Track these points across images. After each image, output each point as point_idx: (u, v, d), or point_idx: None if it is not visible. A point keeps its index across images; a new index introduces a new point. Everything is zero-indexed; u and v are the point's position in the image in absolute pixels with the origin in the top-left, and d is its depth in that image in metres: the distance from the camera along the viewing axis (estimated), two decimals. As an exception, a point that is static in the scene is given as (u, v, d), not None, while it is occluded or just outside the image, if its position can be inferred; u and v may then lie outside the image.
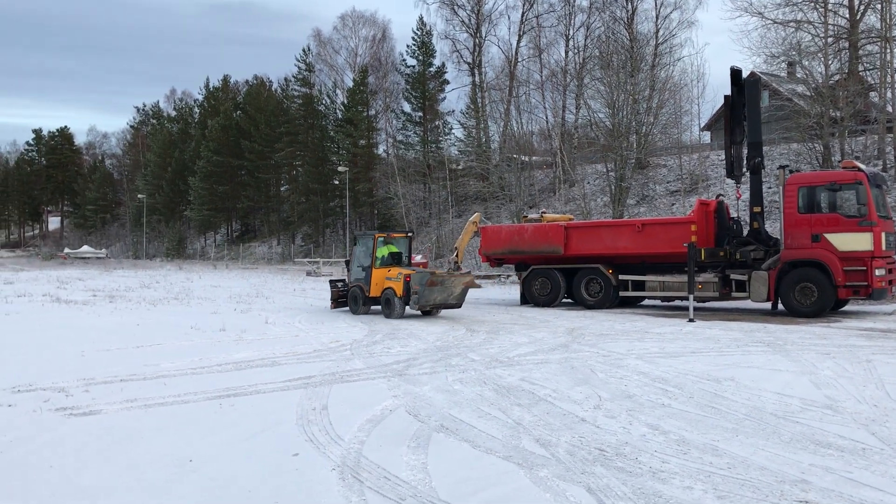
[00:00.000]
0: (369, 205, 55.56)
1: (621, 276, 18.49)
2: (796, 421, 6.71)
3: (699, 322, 14.86)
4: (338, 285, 18.47)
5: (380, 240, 17.43)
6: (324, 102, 62.73)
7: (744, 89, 17.48)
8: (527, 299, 20.03)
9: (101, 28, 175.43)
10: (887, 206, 16.54)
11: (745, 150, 17.45)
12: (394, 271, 16.70)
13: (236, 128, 68.70)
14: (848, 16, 30.23)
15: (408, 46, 55.06)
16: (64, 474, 5.44)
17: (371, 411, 7.19)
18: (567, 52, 46.24)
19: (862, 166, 16.08)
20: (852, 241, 15.17)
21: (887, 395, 7.81)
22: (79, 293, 24.30)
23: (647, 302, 19.73)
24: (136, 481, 5.26)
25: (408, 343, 12.15)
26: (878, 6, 29.65)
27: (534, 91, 46.90)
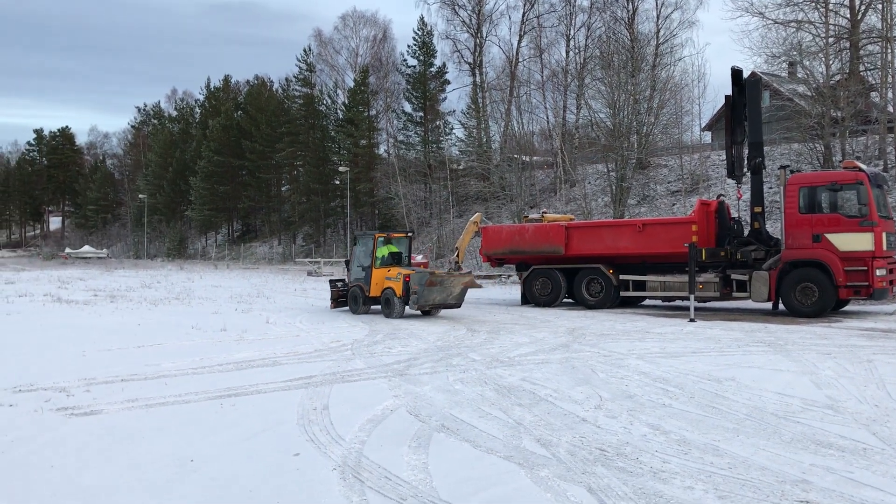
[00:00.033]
0: (370, 205, 55.57)
1: (622, 276, 18.49)
2: (797, 421, 6.71)
3: (700, 322, 14.86)
4: (337, 285, 18.49)
5: (380, 240, 17.45)
6: (325, 102, 62.74)
7: (745, 89, 17.49)
8: (528, 299, 20.04)
9: (101, 28, 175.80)
10: (888, 206, 16.54)
11: (746, 150, 17.48)
12: (393, 271, 16.72)
13: (237, 128, 68.72)
14: (849, 16, 30.21)
15: (409, 46, 55.15)
16: (65, 474, 5.45)
17: (372, 411, 7.20)
18: (568, 52, 46.27)
19: (863, 166, 16.08)
20: (853, 242, 15.17)
21: (888, 395, 7.81)
22: (80, 293, 24.32)
23: (648, 302, 19.73)
24: (137, 481, 5.26)
25: (409, 343, 12.15)
26: (879, 6, 29.66)
27: (534, 91, 47.03)
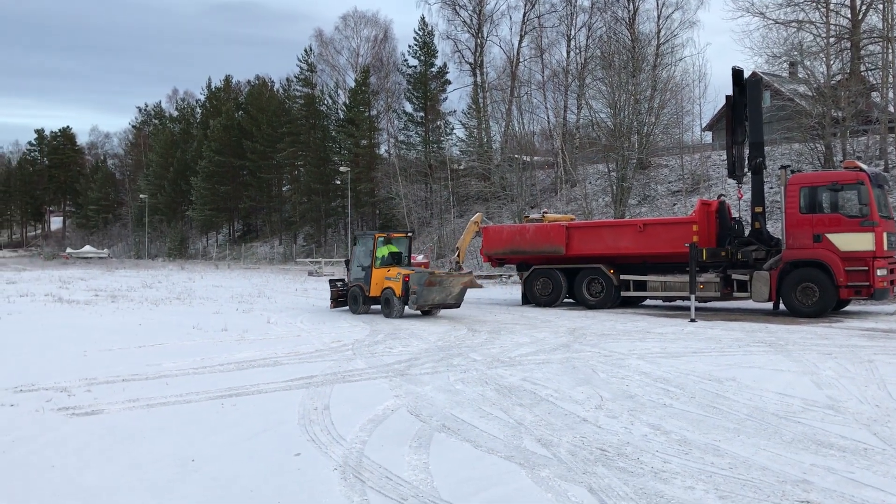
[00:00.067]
0: (371, 205, 55.59)
1: (623, 276, 18.48)
2: (798, 421, 6.70)
3: (701, 322, 14.86)
4: (337, 285, 18.51)
5: (380, 240, 17.46)
6: (325, 102, 62.79)
7: (745, 89, 17.49)
8: (528, 299, 20.03)
9: (102, 28, 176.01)
10: (889, 206, 16.52)
11: (747, 150, 17.48)
12: (393, 271, 16.73)
13: (238, 128, 68.77)
14: (850, 16, 30.19)
15: (409, 47, 55.23)
16: (66, 474, 5.45)
17: (373, 411, 7.20)
18: (568, 53, 46.26)
19: (864, 166, 16.07)
20: (854, 242, 15.17)
21: (889, 395, 7.81)
22: (81, 293, 24.33)
23: (649, 302, 19.72)
24: (138, 481, 5.26)
25: (409, 343, 12.16)
26: (880, 6, 29.62)
27: (535, 91, 47.05)
